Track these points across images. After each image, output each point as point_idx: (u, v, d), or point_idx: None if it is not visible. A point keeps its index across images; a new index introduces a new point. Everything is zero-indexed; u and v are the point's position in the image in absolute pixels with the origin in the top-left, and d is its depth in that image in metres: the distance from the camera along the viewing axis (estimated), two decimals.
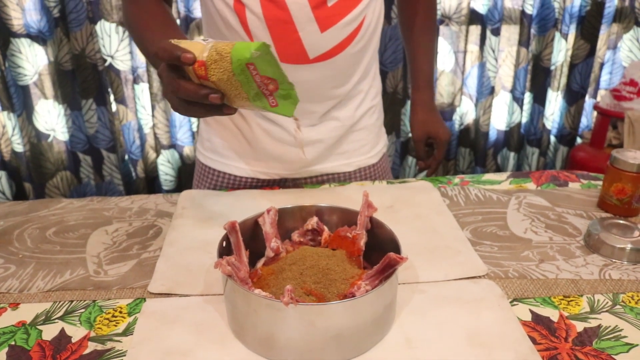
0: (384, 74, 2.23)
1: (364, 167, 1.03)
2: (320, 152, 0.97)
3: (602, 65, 2.33)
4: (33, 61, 2.05)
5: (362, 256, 0.65)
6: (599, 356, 0.55)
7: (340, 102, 0.94)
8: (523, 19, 2.20)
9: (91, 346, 0.57)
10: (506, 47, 2.30)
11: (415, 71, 1.08)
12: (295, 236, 0.70)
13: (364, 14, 0.87)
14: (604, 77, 2.40)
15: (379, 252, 0.60)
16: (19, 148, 2.14)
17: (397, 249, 0.60)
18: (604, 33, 2.26)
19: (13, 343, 0.58)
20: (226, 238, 0.63)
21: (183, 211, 0.86)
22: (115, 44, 2.09)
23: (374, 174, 1.05)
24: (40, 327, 0.60)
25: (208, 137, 1.01)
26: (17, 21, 1.98)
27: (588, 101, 2.41)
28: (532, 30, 2.24)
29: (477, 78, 2.32)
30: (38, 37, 2.02)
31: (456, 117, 2.38)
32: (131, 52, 2.11)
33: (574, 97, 2.36)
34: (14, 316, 0.62)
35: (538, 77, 2.32)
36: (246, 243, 0.64)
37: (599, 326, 0.60)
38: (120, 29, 2.07)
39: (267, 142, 0.94)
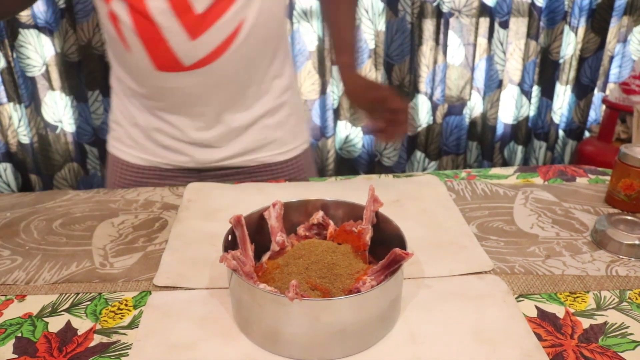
0: (389, 67, 2.22)
1: (270, 163, 1.01)
2: (214, 151, 0.97)
3: (611, 58, 2.31)
4: (40, 52, 2.05)
5: (367, 251, 0.65)
6: (604, 353, 0.55)
7: (232, 104, 0.93)
8: (532, 11, 2.18)
9: (97, 339, 0.58)
10: (514, 40, 2.28)
11: (337, 39, 0.99)
12: (300, 230, 0.70)
13: (241, 16, 0.84)
14: (614, 71, 2.37)
15: (385, 246, 0.60)
16: (25, 140, 2.15)
17: (402, 244, 0.60)
18: (615, 26, 2.24)
19: (19, 335, 0.58)
20: (232, 232, 0.63)
21: (189, 204, 0.86)
22: None
23: (284, 172, 1.03)
24: (46, 319, 0.61)
25: (115, 126, 1.01)
26: (25, 12, 1.98)
27: (597, 95, 2.39)
28: (541, 23, 2.21)
29: (485, 71, 2.30)
30: (45, 28, 2.02)
31: (466, 111, 2.37)
32: None
33: (583, 90, 2.34)
34: (20, 308, 0.63)
35: (546, 70, 2.30)
36: (252, 237, 0.64)
37: (605, 323, 0.59)
38: None
39: (160, 137, 0.96)
